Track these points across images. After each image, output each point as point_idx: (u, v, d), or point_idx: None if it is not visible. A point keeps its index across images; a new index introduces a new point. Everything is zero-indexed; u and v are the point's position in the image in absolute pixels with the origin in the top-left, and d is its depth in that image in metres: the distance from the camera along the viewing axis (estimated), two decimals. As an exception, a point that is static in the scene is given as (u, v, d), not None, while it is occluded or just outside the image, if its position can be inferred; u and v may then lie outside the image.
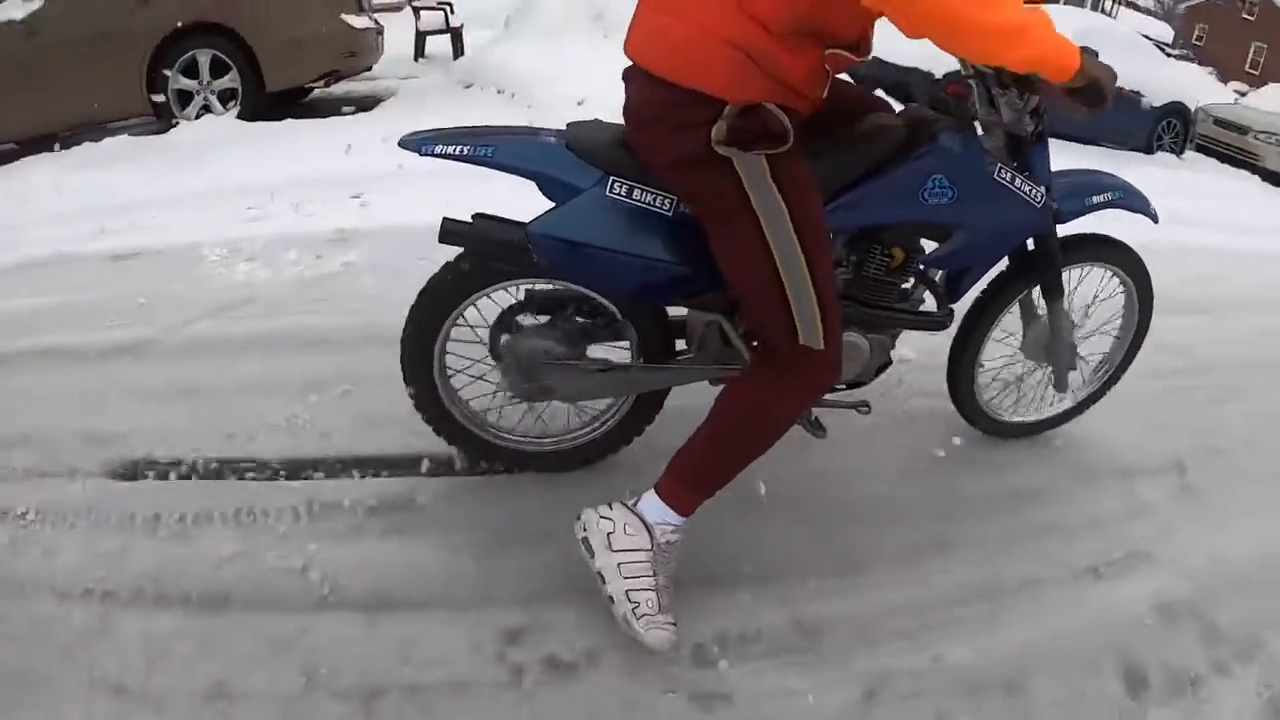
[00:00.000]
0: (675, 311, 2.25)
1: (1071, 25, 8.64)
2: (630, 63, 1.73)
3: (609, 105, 5.40)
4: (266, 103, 6.58)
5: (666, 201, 1.85)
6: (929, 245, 2.26)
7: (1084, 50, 1.65)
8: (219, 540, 2.29)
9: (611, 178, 1.84)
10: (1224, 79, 28.36)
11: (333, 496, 2.44)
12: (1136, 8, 44.70)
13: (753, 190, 1.63)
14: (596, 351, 2.23)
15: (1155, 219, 2.60)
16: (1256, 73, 35.54)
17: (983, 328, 2.67)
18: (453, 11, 9.99)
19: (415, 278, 2.19)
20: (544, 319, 2.15)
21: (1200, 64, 32.47)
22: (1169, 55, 27.96)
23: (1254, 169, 10.91)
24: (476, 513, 2.43)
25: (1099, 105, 1.71)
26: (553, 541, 2.25)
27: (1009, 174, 2.12)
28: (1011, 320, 2.74)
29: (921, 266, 2.30)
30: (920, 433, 2.89)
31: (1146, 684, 2.33)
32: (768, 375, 1.86)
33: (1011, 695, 2.19)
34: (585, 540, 1.89)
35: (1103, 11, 34.19)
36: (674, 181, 1.79)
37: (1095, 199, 2.43)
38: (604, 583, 1.87)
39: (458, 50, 9.66)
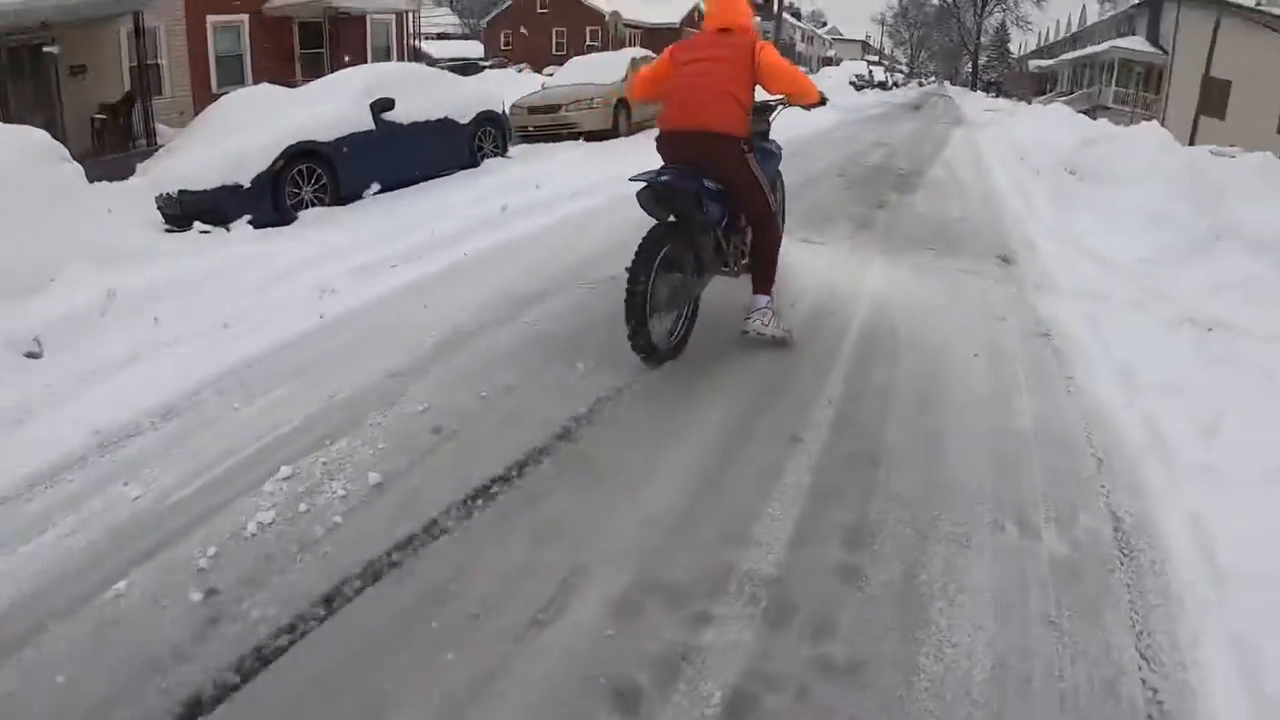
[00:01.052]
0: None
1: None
2: (680, 130, 3.78)
3: None
4: None
5: (715, 184, 3.69)
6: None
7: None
8: None
9: (703, 179, 3.65)
10: (539, 69, 31.19)
11: None
12: (447, 37, 50.63)
13: (755, 169, 3.80)
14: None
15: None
16: (562, 53, 38.04)
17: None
18: None
19: None
20: (666, 272, 3.70)
21: (515, 64, 36.32)
22: (484, 68, 31.26)
23: (574, 136, 12.25)
24: None
25: (824, 103, 4.16)
26: None
27: (771, 144, 4.47)
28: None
29: None
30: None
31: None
32: (766, 229, 3.97)
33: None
34: (758, 333, 3.92)
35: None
36: (729, 173, 3.74)
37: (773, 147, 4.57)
38: (772, 336, 3.96)
39: None
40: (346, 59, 16.47)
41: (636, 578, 2.45)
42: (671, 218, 3.72)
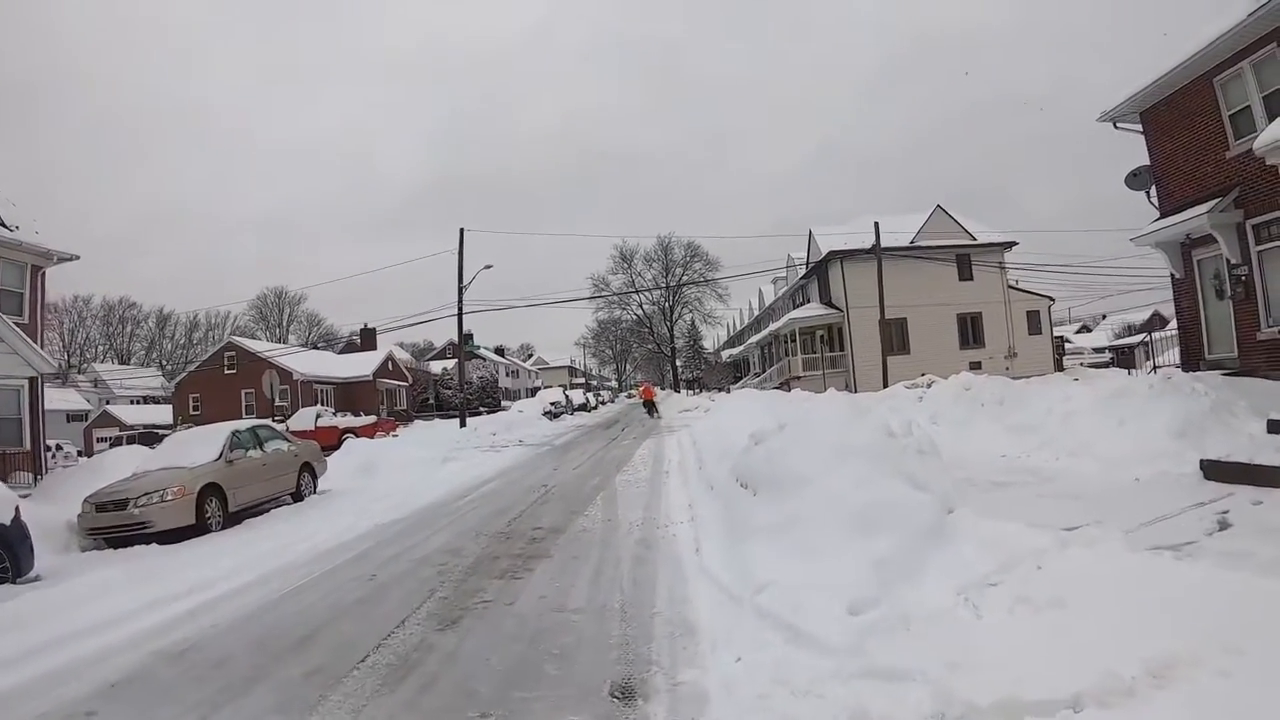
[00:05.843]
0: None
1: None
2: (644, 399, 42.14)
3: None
4: None
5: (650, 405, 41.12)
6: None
7: None
8: None
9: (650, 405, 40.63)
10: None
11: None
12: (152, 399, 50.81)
13: (657, 404, 45.15)
14: None
15: None
16: (252, 413, 40.37)
17: None
18: None
19: None
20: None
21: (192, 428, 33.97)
22: (162, 437, 28.21)
23: (146, 538, 10.11)
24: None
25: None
26: None
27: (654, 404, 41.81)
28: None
29: None
30: None
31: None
32: (657, 410, 42.50)
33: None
34: (657, 418, 38.09)
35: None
36: (652, 403, 43.18)
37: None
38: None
39: None
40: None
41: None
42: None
